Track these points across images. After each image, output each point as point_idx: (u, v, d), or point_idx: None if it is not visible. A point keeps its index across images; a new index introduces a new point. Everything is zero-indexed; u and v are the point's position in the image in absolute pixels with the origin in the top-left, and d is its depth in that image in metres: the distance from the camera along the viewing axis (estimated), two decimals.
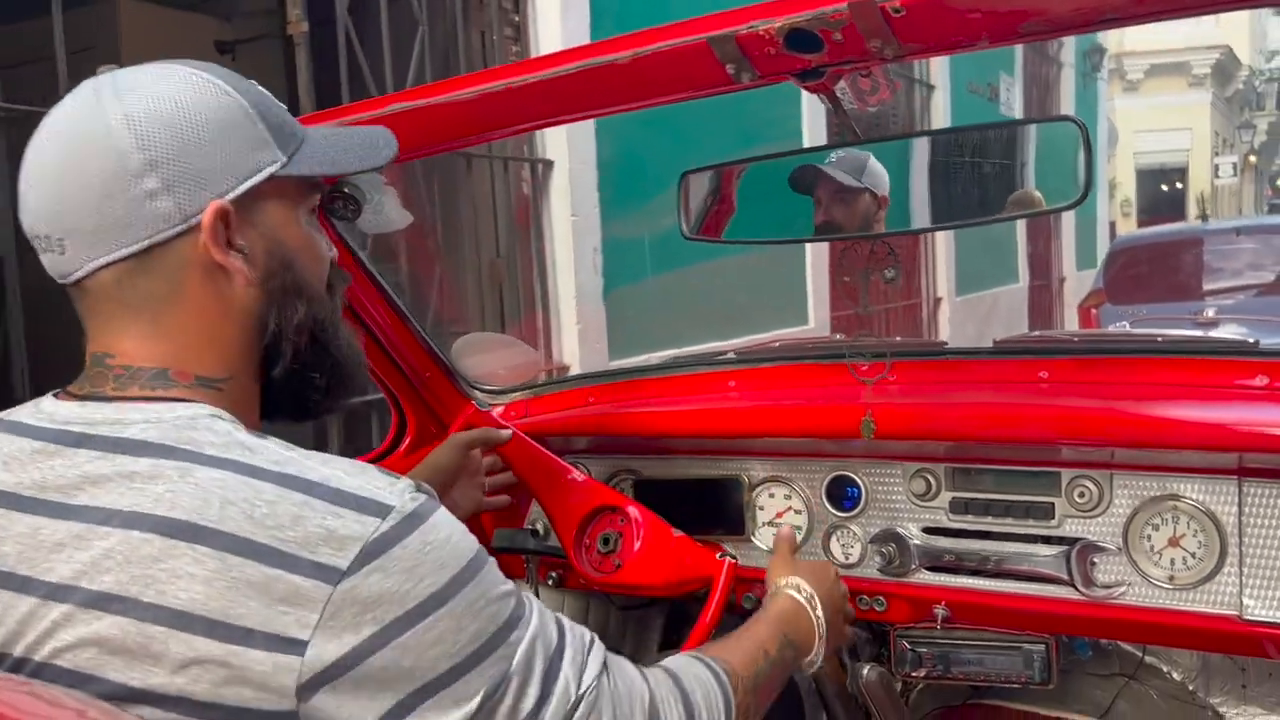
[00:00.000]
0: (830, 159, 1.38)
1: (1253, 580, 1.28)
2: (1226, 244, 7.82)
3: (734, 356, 1.84)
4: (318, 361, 0.96)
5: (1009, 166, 1.22)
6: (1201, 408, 1.34)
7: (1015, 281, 10.57)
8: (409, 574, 0.79)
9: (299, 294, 0.93)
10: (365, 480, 0.82)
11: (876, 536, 1.52)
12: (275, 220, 0.91)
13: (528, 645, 0.86)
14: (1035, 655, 1.44)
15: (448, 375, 1.78)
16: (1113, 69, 19.80)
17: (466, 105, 1.26)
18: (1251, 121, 28.61)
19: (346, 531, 0.78)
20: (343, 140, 0.98)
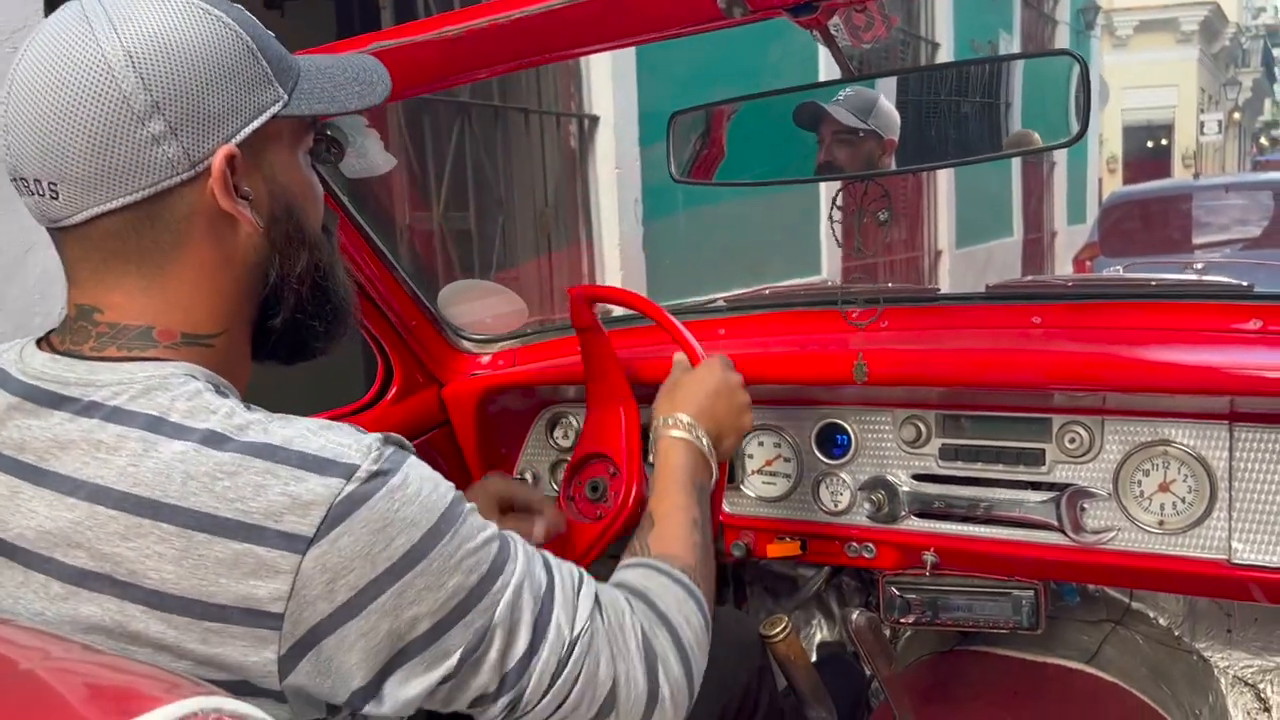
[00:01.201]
0: (838, 97, 1.33)
1: (1242, 524, 1.27)
2: (1216, 200, 7.96)
3: (724, 304, 1.81)
4: (318, 308, 0.92)
5: (1003, 105, 1.18)
6: (1194, 351, 1.32)
7: (1010, 235, 10.75)
8: (379, 534, 0.76)
9: (302, 241, 0.89)
10: (328, 439, 0.78)
11: (866, 484, 1.50)
12: (278, 163, 0.86)
13: (513, 593, 0.83)
14: (1024, 601, 1.43)
15: (434, 324, 1.74)
16: (1103, 25, 19.66)
17: (450, 43, 1.22)
18: (1237, 79, 28.45)
19: (310, 496, 0.74)
20: (336, 73, 0.91)
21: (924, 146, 1.28)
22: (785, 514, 1.59)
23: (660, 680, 0.92)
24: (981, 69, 1.25)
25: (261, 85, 0.83)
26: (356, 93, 0.92)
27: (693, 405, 1.23)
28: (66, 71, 0.77)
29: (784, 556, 1.57)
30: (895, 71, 1.26)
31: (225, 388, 0.84)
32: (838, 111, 1.28)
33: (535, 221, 4.68)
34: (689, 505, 1.12)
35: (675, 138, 1.38)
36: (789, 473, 1.58)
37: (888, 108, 1.27)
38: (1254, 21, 30.61)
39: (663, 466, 1.18)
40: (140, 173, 0.79)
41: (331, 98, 0.89)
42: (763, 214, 5.60)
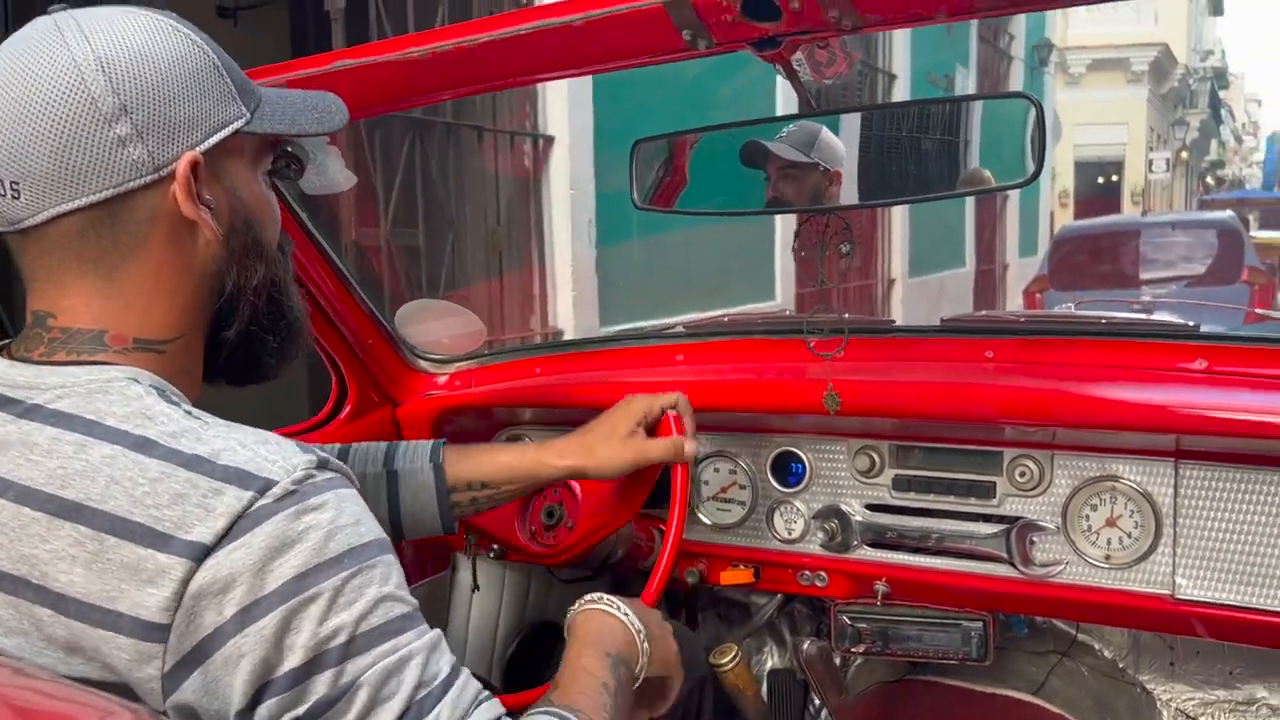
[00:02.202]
0: (782, 133, 1.35)
1: (1185, 560, 1.28)
2: (1163, 236, 8.23)
3: (683, 330, 1.81)
4: (272, 323, 0.93)
5: (961, 143, 1.20)
6: (1141, 389, 1.34)
7: (962, 266, 10.92)
8: (275, 551, 0.73)
9: (259, 254, 0.90)
10: (258, 453, 0.76)
11: (819, 512, 1.50)
12: (239, 178, 0.88)
13: (399, 658, 0.76)
14: (973, 632, 1.44)
15: (391, 343, 1.73)
16: (1057, 62, 20.08)
17: (415, 65, 1.21)
18: (1184, 119, 29.18)
19: (222, 508, 0.73)
20: (295, 101, 0.95)
21: (882, 181, 1.29)
22: (739, 541, 1.59)
23: None
24: (940, 107, 1.26)
25: (226, 101, 0.86)
26: (315, 119, 0.95)
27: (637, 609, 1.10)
28: (35, 73, 0.79)
29: (737, 584, 1.57)
30: (855, 108, 1.28)
31: (172, 393, 0.83)
32: (780, 149, 1.30)
33: (487, 240, 4.65)
34: (600, 671, 0.99)
35: (638, 165, 1.38)
36: (744, 500, 1.58)
37: (831, 140, 1.28)
38: (1201, 64, 31.45)
39: (575, 637, 1.05)
40: (104, 173, 0.80)
41: (291, 120, 0.92)
42: (718, 239, 5.62)
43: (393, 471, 1.31)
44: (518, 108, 4.76)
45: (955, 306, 9.66)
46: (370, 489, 1.29)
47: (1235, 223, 8.59)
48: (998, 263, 12.13)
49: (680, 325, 1.84)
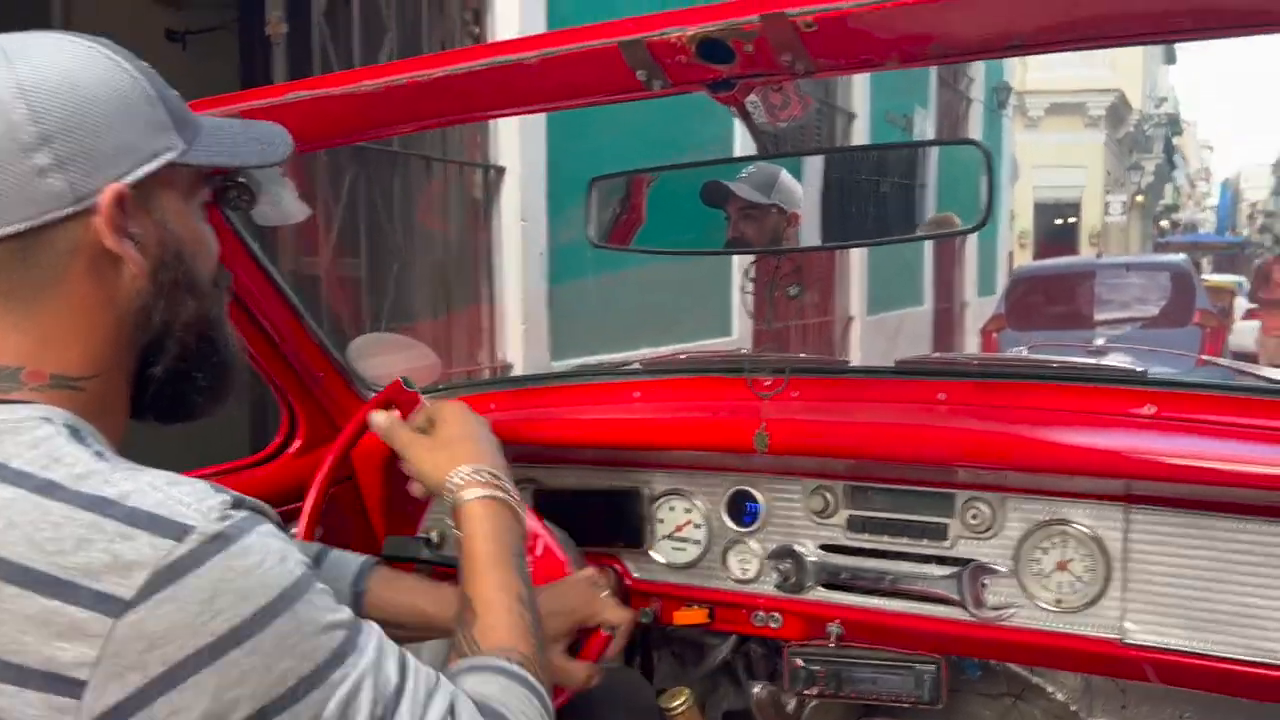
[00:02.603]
0: (741, 174, 1.35)
1: (1134, 605, 1.28)
2: (1117, 278, 8.35)
3: (639, 367, 1.80)
4: (203, 360, 0.89)
5: (916, 188, 1.21)
6: (1091, 434, 1.34)
7: (921, 304, 10.93)
8: (205, 605, 0.69)
9: (190, 289, 0.87)
10: (169, 495, 0.73)
11: (774, 553, 1.49)
12: (170, 210, 0.85)
13: (351, 686, 0.75)
14: (926, 675, 1.43)
15: (343, 376, 1.70)
16: (1016, 105, 20.45)
17: (368, 98, 1.20)
18: (1140, 163, 29.81)
19: (134, 556, 0.69)
20: (238, 132, 0.92)
21: (839, 224, 1.30)
22: (693, 581, 1.57)
23: None
24: (895, 152, 1.27)
25: (159, 131, 0.83)
26: (257, 150, 0.92)
27: (490, 449, 1.15)
28: None
29: (691, 624, 1.55)
30: (810, 151, 1.29)
31: (87, 434, 0.79)
32: (741, 189, 1.30)
33: (434, 272, 4.53)
34: (511, 582, 1.01)
35: (595, 202, 1.37)
36: (699, 539, 1.56)
37: (790, 182, 1.29)
38: (1156, 110, 32.19)
39: (474, 539, 1.05)
40: (22, 204, 0.77)
41: (231, 152, 0.90)
42: (674, 274, 5.55)
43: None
44: (468, 138, 4.67)
45: (913, 344, 9.66)
46: None
47: (1187, 266, 8.74)
48: (956, 301, 12.17)
49: (638, 363, 1.83)
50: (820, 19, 0.94)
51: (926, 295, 11.06)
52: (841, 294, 8.83)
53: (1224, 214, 51.93)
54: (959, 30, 0.99)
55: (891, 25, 0.96)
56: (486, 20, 4.59)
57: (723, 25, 0.99)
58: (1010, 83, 13.87)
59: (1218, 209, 54.52)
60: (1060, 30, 0.97)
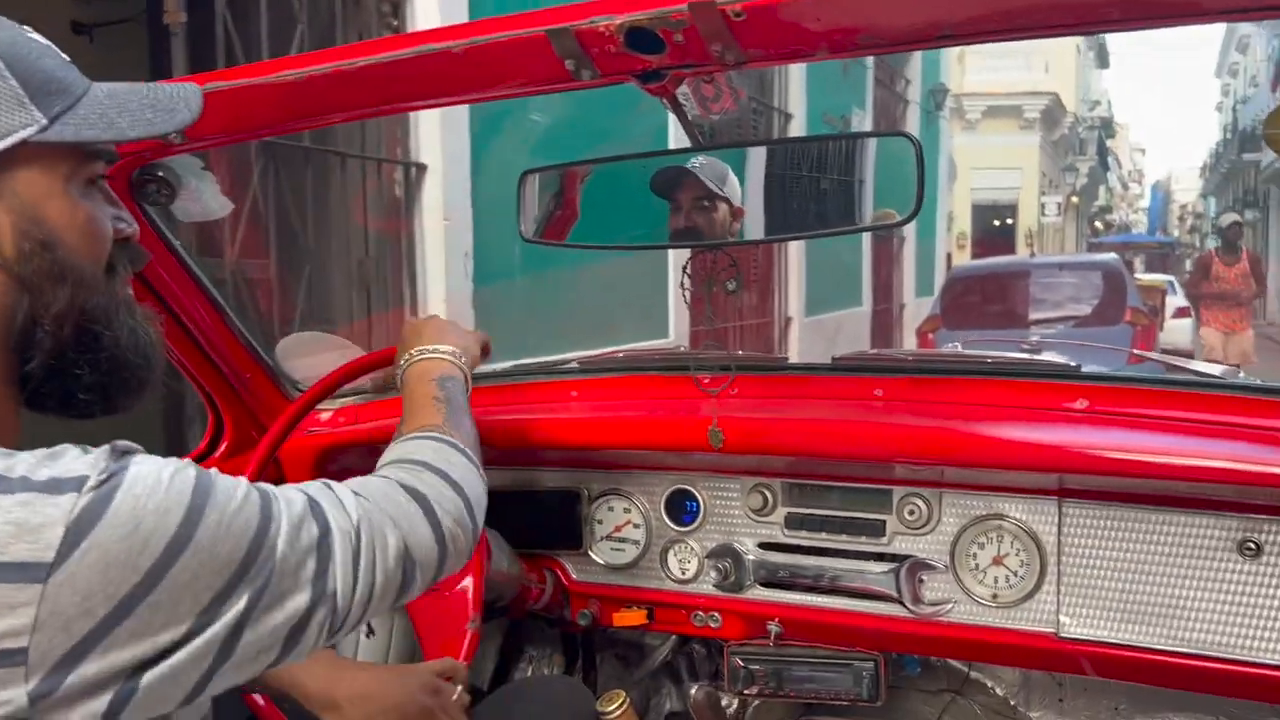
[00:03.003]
0: (694, 164, 1.32)
1: (1069, 599, 1.28)
2: (1051, 277, 8.39)
3: (577, 366, 1.77)
4: (85, 355, 0.81)
5: (855, 182, 1.19)
6: (1025, 429, 1.34)
7: (859, 305, 10.94)
8: (131, 537, 0.69)
9: (61, 279, 0.78)
10: (53, 460, 0.71)
11: (713, 551, 1.47)
12: (31, 194, 0.77)
13: (289, 526, 0.78)
14: (864, 672, 1.42)
15: (270, 376, 1.65)
16: (952, 108, 20.72)
17: (290, 88, 1.15)
18: (1074, 165, 30.42)
19: (40, 519, 0.67)
20: (129, 100, 0.83)
21: (780, 218, 1.27)
22: (632, 582, 1.55)
23: (441, 518, 0.93)
24: (831, 145, 1.26)
25: (10, 107, 0.74)
26: (146, 119, 0.83)
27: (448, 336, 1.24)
28: None
29: (630, 626, 1.52)
30: (746, 142, 1.26)
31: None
32: (703, 174, 1.27)
33: (356, 273, 4.33)
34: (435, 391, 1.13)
35: (526, 197, 1.34)
36: (638, 539, 1.54)
37: (735, 179, 1.27)
38: (1089, 113, 32.89)
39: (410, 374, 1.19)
40: None
41: (110, 124, 0.80)
42: (608, 274, 5.39)
43: None
44: (388, 133, 4.48)
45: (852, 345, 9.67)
46: None
47: (1119, 265, 8.86)
48: (895, 302, 12.21)
49: (574, 361, 1.79)
50: (749, 8, 0.93)
51: (865, 296, 11.08)
52: (779, 295, 8.80)
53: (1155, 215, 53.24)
54: (887, 20, 0.97)
55: (820, 15, 0.95)
56: (405, 12, 4.43)
57: (651, 14, 0.96)
58: (947, 85, 14.03)
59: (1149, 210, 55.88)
60: (988, 20, 0.96)
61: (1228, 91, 39.54)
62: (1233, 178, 32.09)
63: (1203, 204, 45.17)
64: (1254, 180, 27.83)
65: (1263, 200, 26.94)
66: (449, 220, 4.61)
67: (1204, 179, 42.97)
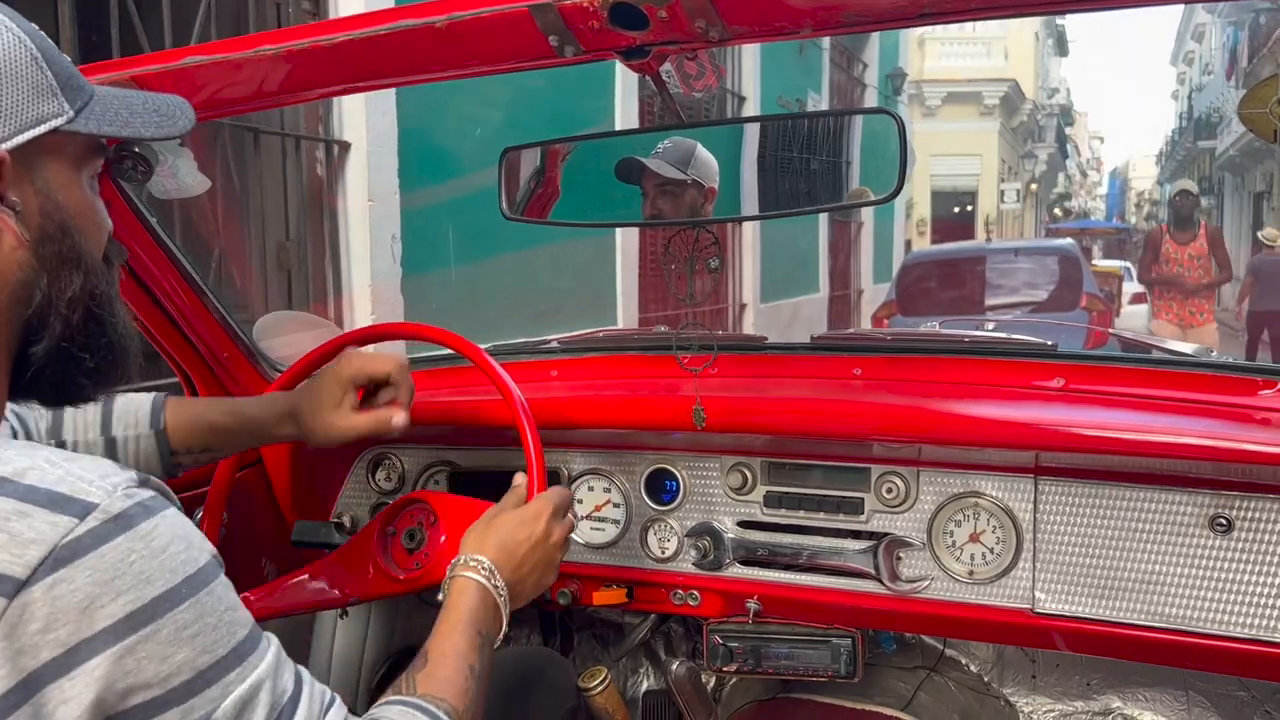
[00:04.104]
0: (658, 148, 1.30)
1: (1044, 575, 1.28)
2: (1006, 263, 8.21)
3: (557, 345, 1.75)
4: (90, 340, 0.82)
5: (836, 161, 1.17)
6: (1002, 407, 1.33)
7: (816, 291, 10.70)
8: (105, 586, 0.64)
9: (76, 264, 0.80)
10: (69, 471, 0.67)
11: (693, 530, 1.46)
12: (56, 180, 0.79)
13: (249, 688, 0.71)
14: (842, 649, 1.41)
15: (248, 356, 1.61)
16: (913, 94, 20.73)
17: (269, 63, 1.12)
18: (1033, 152, 30.66)
19: (32, 534, 0.64)
20: (135, 103, 0.86)
21: (756, 196, 1.26)
22: (612, 561, 1.53)
23: None
24: (811, 123, 1.24)
25: (43, 96, 0.76)
26: (154, 122, 0.86)
27: (502, 553, 1.11)
28: None
29: (610, 605, 1.51)
30: (725, 121, 1.24)
31: None
32: (656, 164, 1.25)
33: (275, 256, 4.02)
34: (469, 652, 1.00)
35: (506, 174, 1.31)
36: (618, 518, 1.52)
37: (706, 156, 1.25)
38: (1049, 101, 33.11)
39: (451, 606, 1.05)
40: None
41: (125, 123, 0.83)
42: (553, 258, 5.12)
43: (111, 438, 1.21)
44: (307, 109, 4.14)
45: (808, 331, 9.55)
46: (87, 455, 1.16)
47: (1075, 250, 8.73)
48: (852, 288, 11.98)
49: (555, 341, 1.77)
50: None
51: (822, 282, 10.83)
52: (734, 281, 8.57)
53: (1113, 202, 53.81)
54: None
55: None
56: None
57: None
58: (906, 69, 13.76)
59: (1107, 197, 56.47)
60: None
61: (1183, 80, 40.01)
62: (1188, 164, 32.49)
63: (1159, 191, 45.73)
64: (1209, 167, 28.20)
65: (1217, 186, 27.30)
66: (373, 201, 4.26)
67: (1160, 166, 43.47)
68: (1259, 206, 21.70)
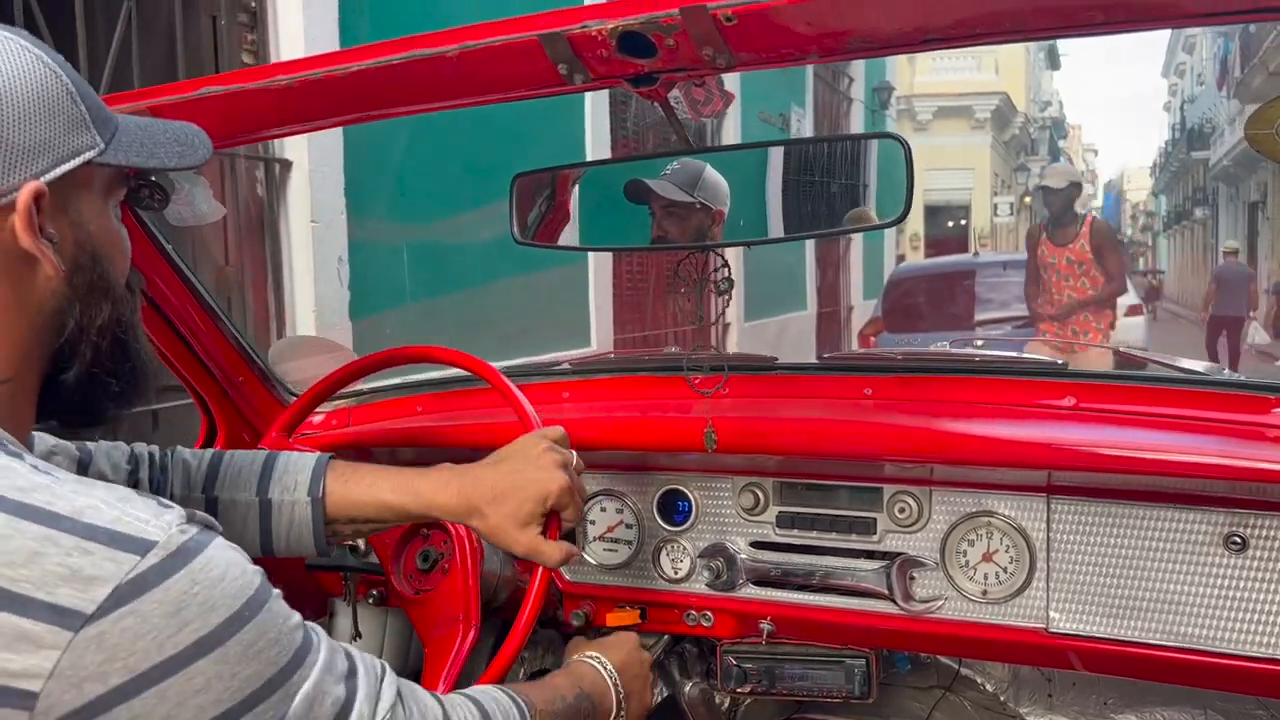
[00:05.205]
0: (666, 170, 1.29)
1: (1058, 594, 1.25)
2: (995, 277, 7.75)
3: (569, 367, 1.73)
4: (116, 365, 0.84)
5: (854, 185, 1.15)
6: (1014, 426, 1.31)
7: (804, 309, 10.25)
8: (171, 618, 0.66)
9: (105, 292, 0.82)
10: (125, 510, 0.69)
11: (705, 551, 1.43)
12: (88, 210, 0.80)
13: (314, 683, 0.74)
14: (856, 669, 1.38)
15: (263, 380, 1.60)
16: (904, 109, 20.61)
17: (282, 93, 1.12)
18: (1026, 165, 30.55)
19: (95, 571, 0.65)
20: (156, 132, 0.87)
21: (764, 220, 1.24)
22: (625, 582, 1.51)
23: None
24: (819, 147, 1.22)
25: (78, 129, 0.78)
26: (176, 152, 0.87)
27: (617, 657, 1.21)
28: None
29: (623, 626, 1.48)
30: (729, 147, 1.22)
31: (10, 443, 0.73)
32: (662, 186, 1.24)
33: (215, 282, 3.76)
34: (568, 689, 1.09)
35: (517, 199, 1.29)
36: (630, 539, 1.49)
37: (714, 178, 1.24)
38: (1041, 114, 33.05)
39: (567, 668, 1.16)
40: None
41: (150, 153, 0.85)
42: (520, 281, 4.75)
43: (267, 501, 1.15)
44: None
45: (794, 349, 9.02)
46: (240, 515, 1.15)
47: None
48: (842, 305, 11.40)
49: (567, 363, 1.75)
50: (740, 12, 0.90)
51: (809, 299, 10.35)
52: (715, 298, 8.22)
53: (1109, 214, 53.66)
54: (875, 24, 0.95)
55: (810, 19, 0.92)
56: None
57: (644, 19, 0.94)
58: (893, 83, 13.19)
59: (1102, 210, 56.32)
60: (973, 24, 0.94)
61: (1175, 91, 39.97)
62: (1182, 176, 32.45)
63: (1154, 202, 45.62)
64: (1203, 178, 28.13)
65: (1212, 197, 27.23)
66: (317, 223, 3.97)
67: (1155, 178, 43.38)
68: (1254, 216, 21.62)
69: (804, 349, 9.68)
